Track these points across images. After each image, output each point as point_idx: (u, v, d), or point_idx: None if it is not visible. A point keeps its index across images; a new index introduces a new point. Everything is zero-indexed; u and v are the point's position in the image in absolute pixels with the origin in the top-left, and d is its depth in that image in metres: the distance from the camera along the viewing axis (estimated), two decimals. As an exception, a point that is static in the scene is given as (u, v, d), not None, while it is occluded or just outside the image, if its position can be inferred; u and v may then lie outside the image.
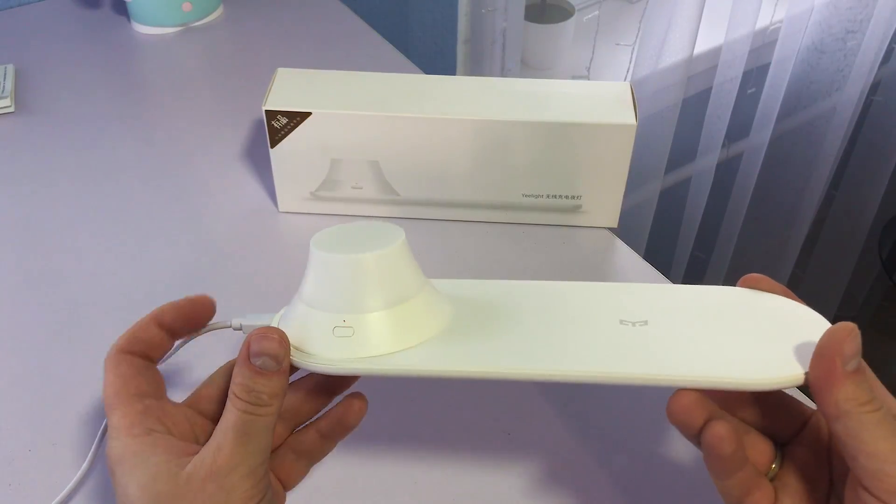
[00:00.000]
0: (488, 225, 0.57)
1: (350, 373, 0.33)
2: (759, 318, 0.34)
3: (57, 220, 0.57)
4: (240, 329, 0.36)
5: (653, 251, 1.20)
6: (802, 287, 1.52)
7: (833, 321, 0.31)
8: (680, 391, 0.32)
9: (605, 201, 0.55)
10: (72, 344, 0.49)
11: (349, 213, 0.57)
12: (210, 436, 0.32)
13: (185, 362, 0.47)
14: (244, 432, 0.31)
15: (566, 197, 0.55)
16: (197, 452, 0.32)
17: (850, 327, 0.30)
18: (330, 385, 0.37)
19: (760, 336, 0.33)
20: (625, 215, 0.57)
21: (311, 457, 0.36)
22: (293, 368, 0.34)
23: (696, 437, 0.32)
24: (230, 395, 0.32)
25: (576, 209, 0.55)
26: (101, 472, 0.42)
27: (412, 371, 0.33)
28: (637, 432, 0.44)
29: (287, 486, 0.36)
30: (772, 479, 0.33)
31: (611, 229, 0.57)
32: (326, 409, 0.37)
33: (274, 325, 0.35)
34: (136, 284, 0.52)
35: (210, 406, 0.35)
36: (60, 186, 0.60)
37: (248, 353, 0.32)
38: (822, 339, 0.30)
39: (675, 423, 0.32)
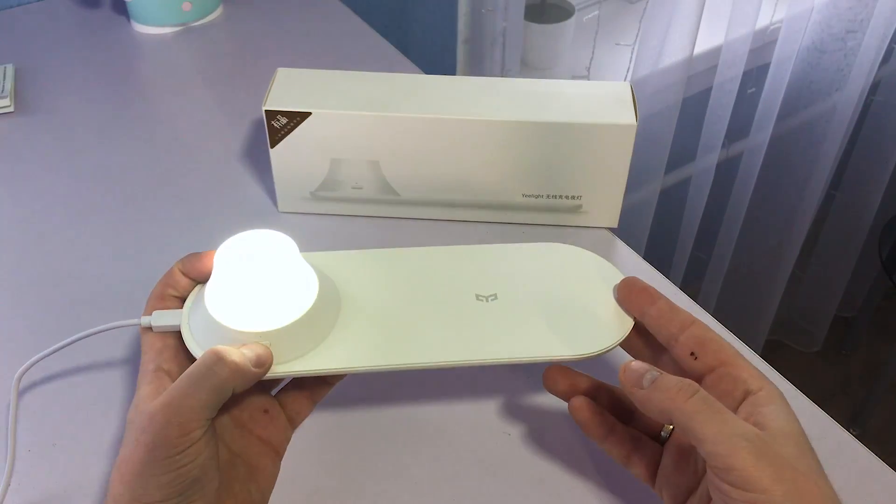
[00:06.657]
0: (488, 225, 0.57)
1: (273, 377, 0.38)
2: (584, 288, 0.42)
3: (57, 220, 0.57)
4: (149, 326, 0.39)
5: (653, 251, 1.20)
6: (802, 287, 1.52)
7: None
8: (548, 367, 0.40)
9: (605, 201, 0.55)
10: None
11: (349, 214, 0.57)
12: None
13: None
14: (194, 377, 0.35)
15: (566, 197, 0.55)
16: None
17: (626, 365, 0.35)
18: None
19: (584, 310, 0.40)
20: (625, 215, 0.57)
21: (312, 397, 0.41)
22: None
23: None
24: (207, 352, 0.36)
25: (576, 209, 0.55)
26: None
27: (320, 371, 0.38)
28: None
29: (294, 422, 0.41)
30: (666, 440, 0.38)
31: (611, 229, 0.57)
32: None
33: (183, 324, 0.39)
34: (136, 284, 0.52)
35: None
36: (60, 186, 0.60)
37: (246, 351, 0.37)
38: (620, 376, 0.36)
39: (551, 392, 0.40)
